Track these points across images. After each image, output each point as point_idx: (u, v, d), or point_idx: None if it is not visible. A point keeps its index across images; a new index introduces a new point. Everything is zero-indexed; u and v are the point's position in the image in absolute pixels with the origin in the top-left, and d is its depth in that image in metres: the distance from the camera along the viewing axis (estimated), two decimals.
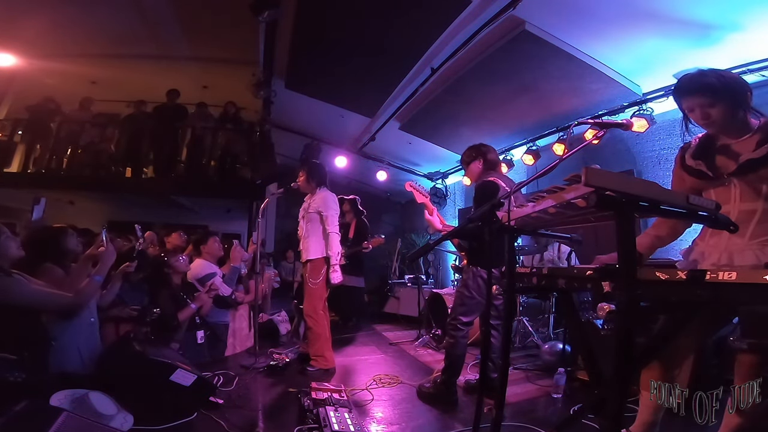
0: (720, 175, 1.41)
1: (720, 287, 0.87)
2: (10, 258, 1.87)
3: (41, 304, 1.92)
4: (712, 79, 1.36)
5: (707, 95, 1.37)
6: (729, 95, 1.35)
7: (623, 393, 1.00)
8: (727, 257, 1.37)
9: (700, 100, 1.39)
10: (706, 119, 1.40)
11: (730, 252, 1.37)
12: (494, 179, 2.53)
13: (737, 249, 1.35)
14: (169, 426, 1.96)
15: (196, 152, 7.14)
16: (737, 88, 1.37)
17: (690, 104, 1.43)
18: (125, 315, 2.74)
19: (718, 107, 1.36)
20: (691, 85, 1.41)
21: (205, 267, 3.61)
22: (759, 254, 1.30)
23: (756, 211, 1.33)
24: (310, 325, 3.11)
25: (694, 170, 1.49)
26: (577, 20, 3.27)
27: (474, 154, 2.71)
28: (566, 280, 1.30)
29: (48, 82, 6.79)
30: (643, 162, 4.17)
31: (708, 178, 1.43)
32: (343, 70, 4.71)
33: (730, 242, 1.37)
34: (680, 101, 1.47)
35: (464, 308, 2.53)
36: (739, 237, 1.33)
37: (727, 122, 1.38)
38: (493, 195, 2.52)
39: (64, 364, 2.07)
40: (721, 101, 1.36)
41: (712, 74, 1.38)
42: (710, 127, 1.43)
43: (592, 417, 1.74)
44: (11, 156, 6.92)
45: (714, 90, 1.35)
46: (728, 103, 1.36)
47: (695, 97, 1.40)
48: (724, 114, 1.36)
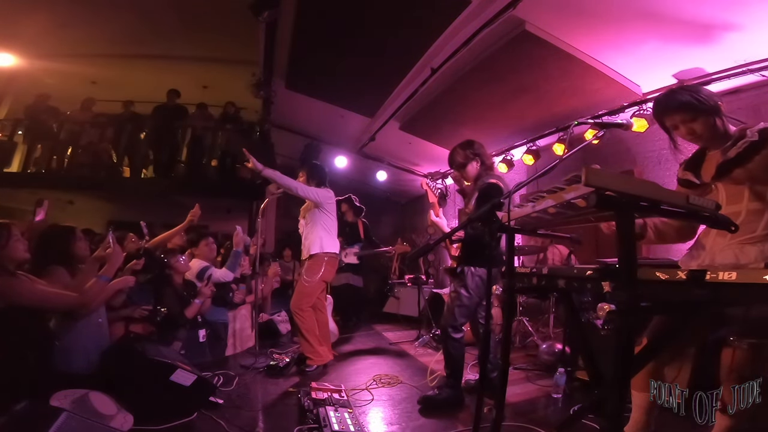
0: (704, 182, 1.47)
1: (720, 287, 0.87)
2: (17, 260, 1.87)
3: (46, 305, 1.92)
4: (687, 96, 1.42)
5: (687, 111, 1.42)
6: (705, 108, 1.41)
7: (623, 393, 1.00)
8: (710, 258, 1.42)
9: (682, 116, 1.44)
10: (692, 134, 1.46)
11: (713, 252, 1.41)
12: (497, 182, 2.50)
13: (719, 249, 1.39)
14: (169, 426, 1.96)
15: (196, 152, 7.14)
16: (710, 101, 1.42)
17: (673, 122, 1.48)
18: (137, 315, 2.76)
19: (699, 121, 1.42)
20: (669, 104, 1.47)
21: (199, 262, 3.66)
22: (738, 253, 1.34)
23: (740, 212, 1.37)
24: (297, 322, 3.11)
25: (683, 181, 1.55)
26: (577, 20, 3.26)
27: (470, 154, 2.63)
28: (566, 280, 1.30)
29: (48, 82, 6.80)
30: (643, 162, 4.17)
31: (695, 186, 1.49)
32: (343, 70, 4.70)
33: (714, 243, 1.42)
34: (662, 121, 1.53)
35: (464, 309, 2.52)
36: (721, 237, 1.39)
37: (712, 133, 1.44)
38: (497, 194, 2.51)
39: (70, 364, 2.08)
40: (701, 114, 1.41)
41: (685, 91, 1.44)
42: (698, 141, 1.49)
43: (592, 417, 1.74)
44: (11, 156, 6.92)
45: (691, 105, 1.41)
46: (707, 115, 1.41)
47: (677, 114, 1.45)
48: (706, 126, 1.42)
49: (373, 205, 7.36)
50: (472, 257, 2.52)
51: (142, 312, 2.78)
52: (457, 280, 2.59)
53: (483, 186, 2.54)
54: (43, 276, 2.02)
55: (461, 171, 2.67)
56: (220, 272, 3.63)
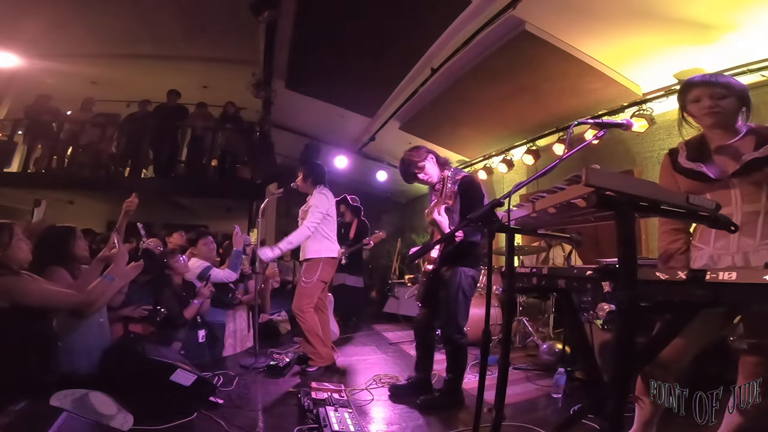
0: (720, 176, 1.42)
1: (720, 287, 0.87)
2: (20, 260, 1.86)
3: (51, 304, 1.91)
4: (728, 79, 1.46)
5: (722, 87, 1.44)
6: (740, 94, 1.43)
7: (623, 393, 1.00)
8: (741, 259, 1.38)
9: (714, 91, 1.44)
10: (714, 108, 1.44)
11: (745, 253, 1.37)
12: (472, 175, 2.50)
13: (752, 250, 1.36)
14: (169, 426, 1.96)
15: (196, 152, 7.14)
16: (746, 93, 1.45)
17: (699, 94, 1.47)
18: (137, 315, 2.76)
19: (729, 100, 1.43)
20: (708, 78, 1.49)
21: (201, 263, 3.64)
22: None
23: (759, 212, 1.35)
24: (300, 322, 3.11)
25: (693, 172, 1.49)
26: (577, 20, 3.26)
27: (423, 154, 2.58)
28: (566, 280, 1.30)
29: (48, 82, 6.79)
30: (643, 162, 4.17)
31: (707, 180, 1.44)
32: (343, 70, 4.71)
33: (741, 244, 1.38)
34: (689, 92, 1.51)
35: (464, 312, 2.49)
36: (749, 238, 1.35)
37: (732, 117, 1.44)
38: (480, 191, 2.52)
39: (72, 363, 2.08)
40: (733, 96, 1.43)
41: (728, 76, 1.49)
42: (714, 117, 1.45)
43: (592, 417, 1.74)
44: (11, 156, 6.92)
45: (729, 85, 1.44)
46: (737, 100, 1.43)
47: (710, 87, 1.45)
48: (732, 108, 1.43)
49: (373, 205, 7.36)
50: (462, 257, 2.48)
51: (141, 312, 2.77)
52: (442, 282, 2.51)
53: (463, 180, 2.51)
54: (42, 276, 2.02)
55: (421, 173, 2.59)
56: (223, 273, 3.62)
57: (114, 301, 2.55)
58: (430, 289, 2.58)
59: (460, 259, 2.48)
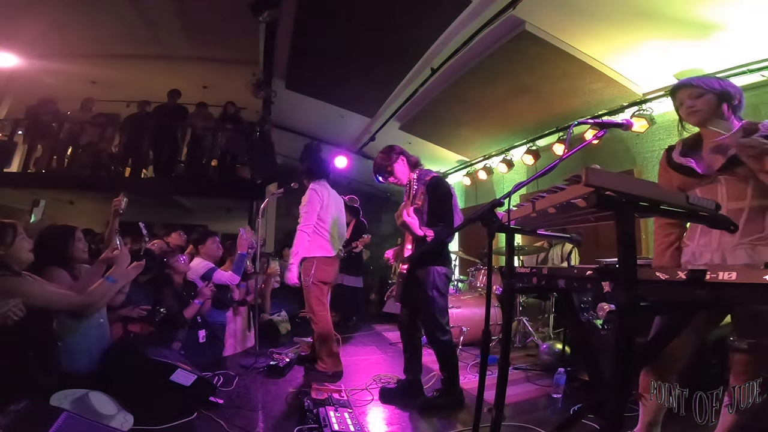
0: (708, 172, 1.45)
1: (720, 287, 0.87)
2: (23, 260, 1.86)
3: (53, 305, 1.91)
4: (707, 79, 1.49)
5: (698, 87, 1.48)
6: (718, 91, 1.46)
7: (623, 393, 1.00)
8: (719, 256, 1.40)
9: (691, 91, 1.49)
10: (692, 107, 1.49)
11: (722, 251, 1.40)
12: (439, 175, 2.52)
13: (729, 248, 1.38)
14: (169, 426, 1.96)
15: (196, 152, 7.13)
16: (725, 90, 1.47)
17: (681, 96, 1.53)
18: (136, 315, 2.75)
19: (705, 97, 1.47)
20: (687, 80, 1.53)
21: (205, 263, 3.63)
22: (751, 253, 1.33)
23: (743, 209, 1.36)
24: (312, 323, 3.10)
25: (682, 167, 1.52)
26: (577, 20, 3.26)
27: (394, 156, 2.64)
28: (566, 280, 1.30)
29: (48, 82, 6.78)
30: (643, 162, 4.17)
31: (696, 175, 1.47)
32: (343, 70, 4.71)
33: (721, 241, 1.40)
34: (674, 97, 1.57)
35: (442, 309, 2.49)
36: (729, 235, 1.36)
37: (712, 113, 1.47)
38: (448, 190, 2.55)
39: (72, 364, 2.08)
40: (710, 93, 1.46)
41: (711, 77, 1.50)
42: (695, 116, 1.50)
43: (592, 417, 1.74)
44: (11, 156, 6.92)
45: (707, 83, 1.47)
46: (715, 96, 1.46)
47: (688, 88, 1.51)
48: (709, 104, 1.46)
49: (373, 205, 7.37)
50: (434, 257, 2.49)
51: (140, 312, 2.76)
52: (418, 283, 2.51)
53: (430, 181, 2.56)
54: (42, 277, 2.01)
55: (390, 174, 2.67)
56: (227, 275, 3.60)
57: (115, 301, 2.54)
58: (407, 289, 2.60)
59: (432, 258, 2.50)
